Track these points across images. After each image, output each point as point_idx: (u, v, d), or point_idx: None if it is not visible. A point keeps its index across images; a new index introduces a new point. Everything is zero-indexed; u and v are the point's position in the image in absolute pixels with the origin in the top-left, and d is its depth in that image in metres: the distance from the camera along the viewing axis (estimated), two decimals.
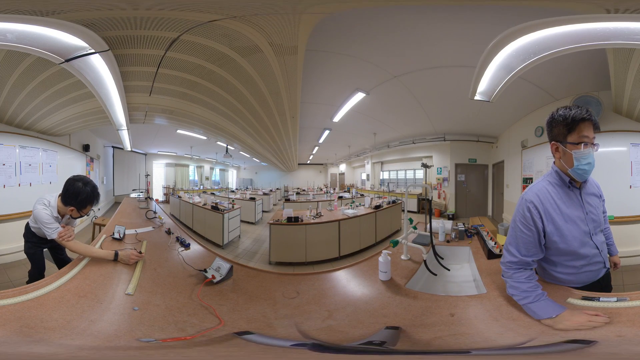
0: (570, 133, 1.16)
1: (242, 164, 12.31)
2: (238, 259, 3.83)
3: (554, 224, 1.17)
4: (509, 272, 1.24)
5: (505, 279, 1.27)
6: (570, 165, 1.17)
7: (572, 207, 1.21)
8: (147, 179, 7.82)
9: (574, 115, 1.14)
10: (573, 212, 1.20)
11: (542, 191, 1.20)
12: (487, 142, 6.42)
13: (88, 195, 1.81)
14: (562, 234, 1.18)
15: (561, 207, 1.19)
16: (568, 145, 1.16)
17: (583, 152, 1.14)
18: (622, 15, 1.55)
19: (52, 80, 2.74)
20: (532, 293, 1.14)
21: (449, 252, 2.13)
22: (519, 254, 1.22)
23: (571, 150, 1.15)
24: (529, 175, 4.75)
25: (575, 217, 1.20)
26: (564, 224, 1.18)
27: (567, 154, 1.17)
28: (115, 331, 1.08)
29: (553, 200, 1.19)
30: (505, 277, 1.26)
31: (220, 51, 2.45)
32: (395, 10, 2.30)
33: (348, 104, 4.37)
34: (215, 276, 1.60)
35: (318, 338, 1.14)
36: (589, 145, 1.14)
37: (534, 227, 1.18)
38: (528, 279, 1.19)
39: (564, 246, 1.19)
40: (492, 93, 2.38)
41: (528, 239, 1.20)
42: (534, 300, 1.13)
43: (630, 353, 0.91)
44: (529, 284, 1.17)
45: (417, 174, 8.62)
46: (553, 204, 1.18)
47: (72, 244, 1.76)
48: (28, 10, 1.58)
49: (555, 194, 1.20)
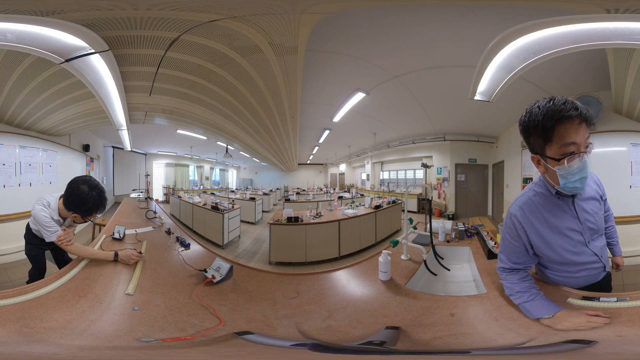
0: (547, 144, 0.88)
1: (242, 164, 12.31)
2: (238, 259, 3.82)
3: (539, 236, 1.09)
4: (502, 275, 1.27)
5: (501, 281, 1.29)
6: (556, 182, 0.95)
7: (562, 217, 1.08)
8: (147, 179, 7.81)
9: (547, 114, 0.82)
10: (562, 224, 1.07)
11: (527, 203, 1.10)
12: (487, 142, 6.42)
13: (95, 203, 1.64)
14: (550, 247, 1.10)
15: (548, 219, 1.07)
16: (549, 160, 0.90)
17: (568, 168, 0.88)
18: (622, 15, 1.55)
19: (52, 80, 2.74)
20: (525, 293, 1.14)
21: (449, 252, 2.13)
22: (510, 262, 1.23)
23: (553, 167, 0.89)
24: (529, 175, 4.74)
25: (565, 228, 1.07)
26: (552, 236, 1.08)
27: (550, 170, 0.92)
28: (115, 331, 1.08)
29: (539, 212, 1.07)
30: (501, 279, 1.29)
31: (220, 51, 2.45)
32: (395, 10, 2.30)
33: (348, 104, 4.37)
34: (215, 276, 1.60)
35: (318, 338, 1.14)
36: (575, 156, 0.87)
37: (518, 239, 1.16)
38: (521, 280, 1.19)
39: (555, 257, 1.13)
40: (492, 93, 2.39)
41: (516, 249, 1.20)
42: (528, 299, 1.12)
43: (630, 353, 0.91)
44: (523, 285, 1.17)
45: (417, 174, 8.62)
46: (539, 216, 1.07)
47: (72, 248, 1.68)
48: (28, 10, 1.58)
49: (541, 205, 1.07)
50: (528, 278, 1.21)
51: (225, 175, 12.22)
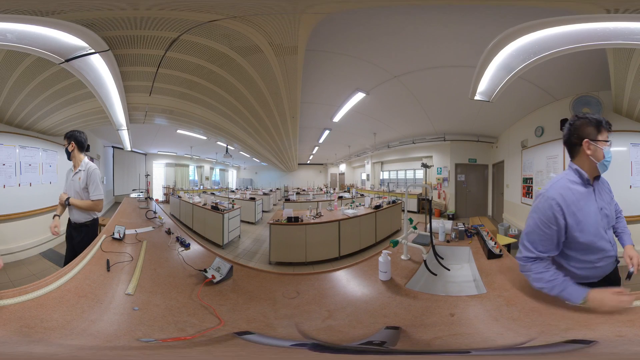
0: (599, 133, 1.30)
1: (242, 164, 12.32)
2: (238, 259, 3.83)
3: (575, 219, 1.24)
4: (526, 266, 1.29)
5: (525, 273, 1.31)
6: (599, 159, 1.30)
7: (590, 202, 1.29)
8: (147, 179, 7.81)
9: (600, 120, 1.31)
10: (590, 207, 1.28)
11: (564, 189, 1.28)
12: (487, 142, 6.43)
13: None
14: (582, 228, 1.24)
15: (581, 203, 1.26)
16: (600, 142, 1.29)
17: (609, 148, 1.29)
18: (622, 15, 1.55)
19: (52, 80, 2.74)
20: (557, 280, 1.20)
21: (449, 252, 2.13)
22: (536, 250, 1.27)
23: (602, 147, 1.29)
24: (529, 175, 4.75)
25: (592, 212, 1.28)
26: (584, 218, 1.25)
27: (598, 150, 1.29)
28: (115, 331, 1.08)
29: (574, 196, 1.26)
30: (524, 270, 1.31)
31: (221, 51, 2.45)
32: (395, 11, 2.30)
33: (348, 104, 4.37)
34: (215, 276, 1.60)
35: (318, 338, 1.14)
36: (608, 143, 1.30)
37: (555, 224, 1.24)
38: (546, 268, 1.25)
39: (583, 239, 1.25)
40: (492, 93, 2.39)
41: (547, 237, 1.26)
42: (564, 287, 1.18)
43: (630, 353, 0.91)
44: (550, 272, 1.23)
45: (417, 174, 8.63)
46: (574, 200, 1.26)
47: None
48: (28, 10, 1.58)
49: (575, 191, 1.28)
50: (550, 266, 1.27)
51: (225, 175, 12.23)
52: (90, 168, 2.30)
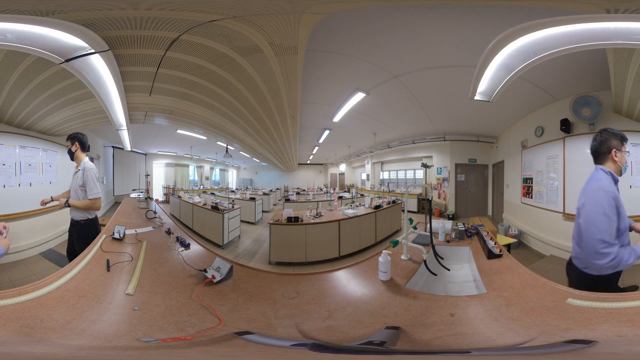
0: (622, 145, 1.62)
1: (242, 164, 12.32)
2: (238, 259, 3.83)
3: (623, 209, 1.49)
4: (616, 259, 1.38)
5: (624, 264, 1.40)
6: (623, 165, 1.63)
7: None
8: (147, 179, 7.81)
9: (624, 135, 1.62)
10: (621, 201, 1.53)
11: (612, 186, 1.53)
12: (487, 142, 6.42)
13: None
14: (624, 216, 1.50)
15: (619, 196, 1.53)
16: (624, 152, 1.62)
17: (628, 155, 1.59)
18: (622, 15, 1.55)
19: (52, 80, 2.74)
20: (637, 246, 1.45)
21: (449, 252, 2.13)
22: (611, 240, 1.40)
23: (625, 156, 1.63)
24: (529, 175, 4.74)
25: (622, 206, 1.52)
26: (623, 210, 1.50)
27: (623, 158, 1.62)
28: (115, 331, 1.08)
29: (617, 192, 1.53)
30: (622, 263, 1.39)
31: (221, 51, 2.45)
32: (396, 11, 2.30)
33: (348, 104, 4.37)
34: (215, 276, 1.60)
35: (318, 338, 1.14)
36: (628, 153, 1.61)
37: (615, 215, 1.44)
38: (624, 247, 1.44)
39: (623, 225, 1.49)
40: (492, 93, 2.38)
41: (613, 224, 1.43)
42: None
43: (630, 353, 0.91)
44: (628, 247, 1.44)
45: (417, 174, 8.63)
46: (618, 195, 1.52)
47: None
48: (28, 10, 1.58)
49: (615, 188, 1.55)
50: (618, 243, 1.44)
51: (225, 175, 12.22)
52: (87, 167, 2.36)
